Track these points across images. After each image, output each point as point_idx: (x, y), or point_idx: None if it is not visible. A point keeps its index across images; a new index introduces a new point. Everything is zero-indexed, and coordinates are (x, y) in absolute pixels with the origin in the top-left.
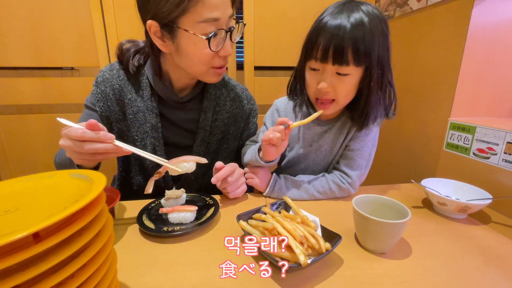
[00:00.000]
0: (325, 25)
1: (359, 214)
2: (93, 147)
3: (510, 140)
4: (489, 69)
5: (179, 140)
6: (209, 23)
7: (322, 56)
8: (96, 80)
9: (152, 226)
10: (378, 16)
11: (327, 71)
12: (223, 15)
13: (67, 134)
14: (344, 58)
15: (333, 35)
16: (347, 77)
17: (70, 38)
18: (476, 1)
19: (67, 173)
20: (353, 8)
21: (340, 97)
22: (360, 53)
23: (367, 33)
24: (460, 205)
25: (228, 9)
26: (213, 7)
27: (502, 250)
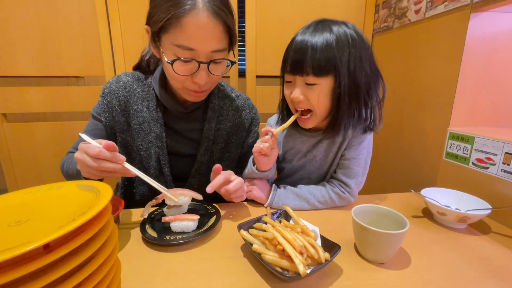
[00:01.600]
0: (293, 41)
1: (358, 224)
2: (104, 165)
3: (508, 150)
4: (487, 80)
5: (183, 149)
6: (183, 49)
7: (291, 68)
8: (103, 92)
9: (154, 234)
10: (349, 33)
11: (298, 82)
12: (201, 48)
13: (85, 150)
14: (306, 69)
15: (297, 48)
16: (316, 87)
17: (77, 48)
18: (472, 14)
19: (75, 184)
20: (322, 26)
21: (314, 107)
22: (321, 65)
23: (329, 47)
24: (459, 215)
25: (211, 42)
26: (190, 36)
27: (502, 261)
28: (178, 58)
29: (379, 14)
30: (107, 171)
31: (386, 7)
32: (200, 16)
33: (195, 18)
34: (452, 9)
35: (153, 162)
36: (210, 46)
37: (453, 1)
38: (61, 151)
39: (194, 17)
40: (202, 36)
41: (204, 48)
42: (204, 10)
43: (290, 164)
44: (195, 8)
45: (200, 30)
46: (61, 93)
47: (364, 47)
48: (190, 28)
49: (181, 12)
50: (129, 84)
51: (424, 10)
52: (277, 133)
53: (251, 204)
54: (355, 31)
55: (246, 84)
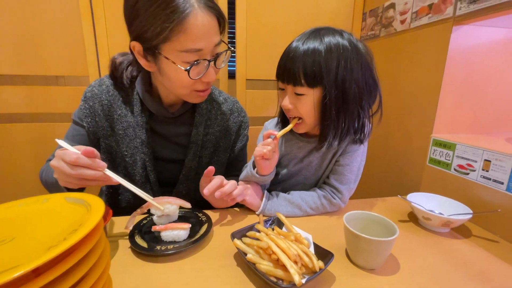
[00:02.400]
0: (286, 49)
1: (350, 231)
2: (83, 172)
3: (487, 158)
4: (467, 90)
5: (170, 154)
6: (191, 53)
7: (281, 77)
8: (85, 95)
9: (144, 244)
10: (341, 44)
11: (288, 91)
12: (207, 45)
13: (62, 157)
14: (297, 79)
15: (288, 57)
16: (303, 97)
17: (58, 46)
18: (454, 27)
19: (62, 197)
20: (314, 36)
21: (303, 115)
22: (309, 76)
23: (317, 58)
24: (443, 220)
25: (214, 38)
26: (196, 38)
27: (484, 265)
28: (193, 64)
29: (366, 22)
30: (86, 179)
31: (373, 15)
32: (200, 15)
33: (196, 19)
34: (436, 21)
35: (138, 169)
36: (213, 42)
37: (437, 14)
38: (40, 155)
39: (195, 19)
40: (206, 34)
41: (209, 45)
42: (201, 8)
43: (286, 169)
44: (193, 9)
45: (203, 29)
46: (40, 93)
47: (358, 58)
48: (194, 30)
49: (183, 17)
50: (113, 88)
51: (409, 21)
52: (280, 136)
53: (243, 211)
54: (349, 42)
55: (236, 88)
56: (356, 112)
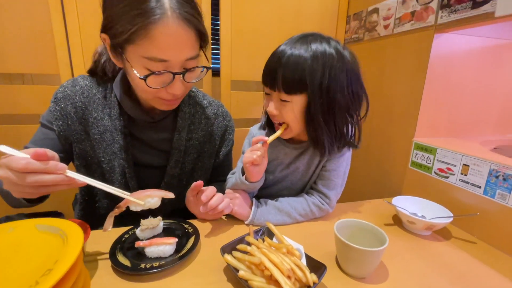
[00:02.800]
0: (272, 53)
1: (341, 241)
2: (38, 179)
3: (466, 162)
4: (446, 94)
5: (151, 160)
6: (155, 62)
7: (266, 82)
8: (55, 96)
9: (127, 263)
10: (327, 52)
11: (273, 96)
12: (175, 58)
13: (7, 165)
14: (282, 85)
15: (273, 62)
16: (288, 104)
17: (25, 41)
18: (435, 35)
19: (32, 224)
20: (300, 42)
21: (288, 121)
22: (290, 83)
23: (302, 65)
24: (426, 224)
25: (184, 51)
26: (161, 48)
27: (464, 267)
28: (152, 73)
29: (350, 25)
30: (44, 186)
31: (356, 19)
32: (171, 25)
33: (165, 27)
34: (418, 28)
35: (117, 176)
36: (183, 55)
37: (419, 21)
38: None
39: (164, 27)
40: (175, 46)
41: (177, 59)
42: (174, 18)
43: (272, 175)
44: (165, 16)
45: (173, 40)
46: (4, 92)
47: (343, 67)
48: (161, 39)
49: (149, 23)
50: (88, 89)
51: (392, 26)
52: (270, 142)
53: (231, 220)
54: (336, 50)
55: (221, 89)
56: (344, 119)
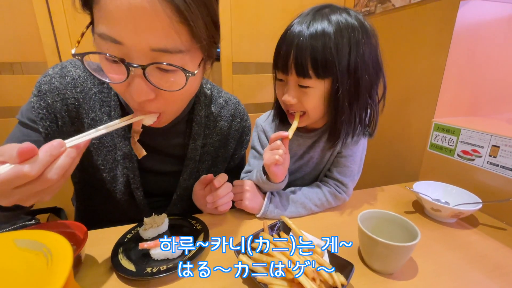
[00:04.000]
0: (287, 33)
1: (366, 235)
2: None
3: (495, 143)
4: (470, 70)
5: (162, 167)
6: (105, 41)
7: (283, 67)
8: (39, 89)
9: (132, 267)
10: (351, 25)
11: (290, 83)
12: (131, 41)
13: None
14: (303, 70)
15: (291, 44)
16: (310, 90)
17: (5, 26)
18: (461, 1)
19: (11, 239)
20: (320, 16)
21: (308, 110)
22: (319, 65)
23: (328, 43)
24: (453, 211)
25: (148, 36)
26: (112, 21)
27: (499, 258)
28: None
29: None
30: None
31: None
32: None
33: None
34: None
35: (120, 186)
36: (146, 41)
37: None
38: None
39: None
40: (131, 21)
41: (135, 42)
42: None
43: None
44: None
45: (126, 11)
46: None
47: (369, 41)
48: (111, 5)
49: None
50: (82, 81)
51: None
52: (291, 137)
53: (241, 214)
54: (358, 21)
55: (222, 72)
56: (366, 102)
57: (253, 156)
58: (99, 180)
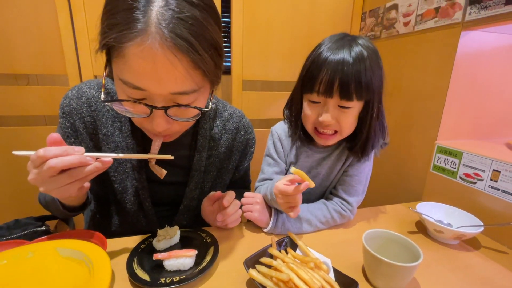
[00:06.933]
0: (327, 60)
1: (371, 254)
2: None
3: (496, 168)
4: (471, 95)
5: (168, 178)
6: (130, 88)
7: (326, 91)
8: (63, 111)
9: (146, 277)
10: (374, 50)
11: (330, 104)
12: (154, 90)
13: (30, 164)
14: (349, 92)
15: (337, 69)
16: (350, 110)
17: (32, 42)
18: (462, 32)
19: (53, 248)
20: (351, 43)
21: (343, 129)
22: (363, 87)
23: (368, 67)
24: (456, 234)
25: (168, 85)
26: (136, 73)
27: (500, 281)
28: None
29: (365, 22)
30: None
31: (373, 16)
32: (149, 46)
33: (141, 48)
34: (443, 26)
35: (129, 196)
36: (167, 89)
37: (444, 18)
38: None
39: (140, 47)
40: (154, 74)
41: (157, 91)
42: (157, 37)
43: None
44: (144, 34)
45: (150, 66)
46: (12, 93)
47: (381, 63)
48: (135, 61)
49: (122, 38)
50: (95, 100)
51: (413, 23)
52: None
53: (249, 227)
54: (373, 46)
55: (232, 89)
56: (383, 115)
57: (268, 164)
58: (111, 191)
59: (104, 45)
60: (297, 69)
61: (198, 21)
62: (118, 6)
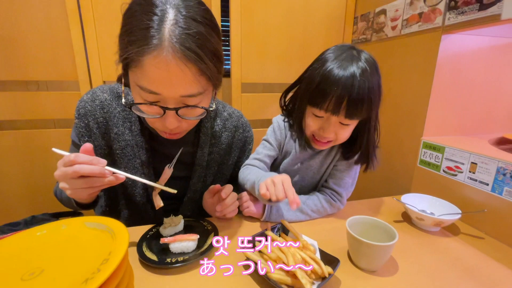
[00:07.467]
0: (337, 78)
1: (352, 237)
2: (77, 168)
3: (474, 160)
4: (454, 94)
5: (174, 173)
6: (146, 92)
7: (334, 109)
8: (78, 113)
9: (154, 257)
10: (375, 65)
11: (332, 121)
12: (167, 94)
13: (61, 162)
14: (356, 113)
15: (346, 89)
16: (349, 126)
17: (45, 50)
18: (443, 36)
19: (81, 222)
20: (355, 58)
21: (339, 140)
22: (364, 107)
23: (370, 85)
24: (435, 220)
25: (179, 89)
26: (152, 80)
27: (472, 261)
28: (137, 103)
29: (357, 26)
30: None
31: (364, 20)
32: (164, 57)
33: (157, 60)
34: (425, 30)
35: (139, 190)
36: (177, 92)
37: (426, 22)
38: (26, 163)
39: (156, 59)
40: (167, 81)
41: (170, 94)
42: (170, 50)
43: (284, 167)
44: (159, 48)
45: (164, 74)
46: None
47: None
48: (151, 70)
49: (142, 52)
50: (108, 103)
51: (400, 28)
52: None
53: (246, 218)
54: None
55: (232, 91)
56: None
57: (263, 147)
58: (121, 185)
59: (125, 58)
60: (293, 71)
61: (202, 35)
62: (136, 26)
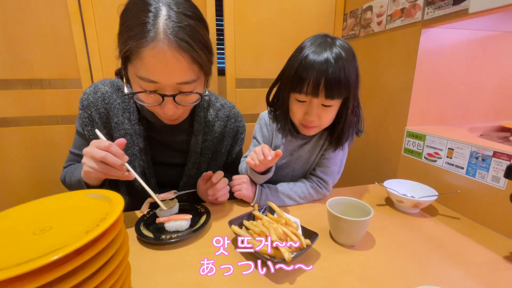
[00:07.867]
0: (312, 62)
1: (332, 214)
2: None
3: (451, 146)
4: (436, 85)
5: (170, 160)
6: (146, 82)
7: (313, 91)
8: (82, 104)
9: (150, 235)
10: (350, 50)
11: (314, 104)
12: (165, 81)
13: (96, 144)
14: (333, 92)
15: (321, 71)
16: (331, 108)
17: (48, 49)
18: (423, 30)
19: (83, 194)
20: (331, 45)
21: (323, 124)
22: (342, 86)
23: (346, 67)
24: (413, 202)
25: (175, 75)
26: (150, 70)
27: (445, 238)
28: (138, 92)
29: (347, 23)
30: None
31: (353, 16)
32: (160, 48)
33: (155, 50)
34: (407, 24)
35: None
36: (173, 79)
37: (408, 17)
38: (31, 158)
39: (153, 50)
40: (164, 69)
41: (167, 82)
42: (165, 41)
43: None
44: (155, 40)
45: (162, 63)
46: (32, 96)
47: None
48: (149, 61)
49: (140, 45)
50: (108, 95)
51: (384, 23)
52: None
53: (237, 203)
54: (349, 46)
55: (226, 87)
56: (358, 107)
57: (254, 145)
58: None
59: (125, 52)
60: None
61: (193, 27)
62: (134, 22)
